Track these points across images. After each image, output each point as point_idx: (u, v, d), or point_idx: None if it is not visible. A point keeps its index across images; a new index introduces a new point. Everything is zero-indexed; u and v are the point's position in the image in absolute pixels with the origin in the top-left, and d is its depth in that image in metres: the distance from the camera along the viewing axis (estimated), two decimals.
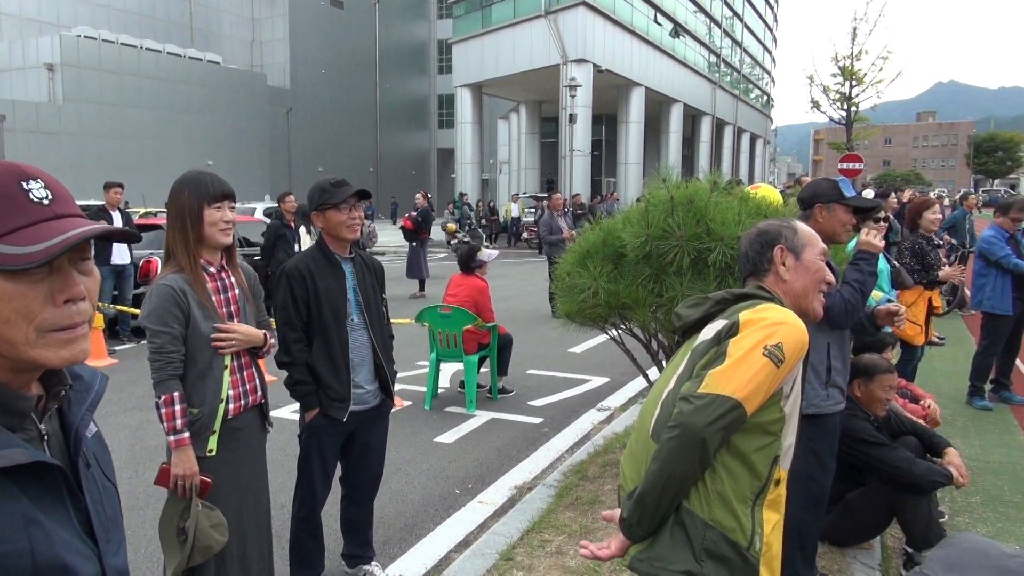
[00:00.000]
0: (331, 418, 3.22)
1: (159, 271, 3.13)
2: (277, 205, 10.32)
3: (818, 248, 2.03)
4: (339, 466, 3.49)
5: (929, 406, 4.63)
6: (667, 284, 3.85)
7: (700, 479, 1.73)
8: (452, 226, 24.01)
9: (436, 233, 20.82)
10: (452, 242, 23.01)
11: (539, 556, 3.69)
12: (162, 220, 9.99)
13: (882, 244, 3.23)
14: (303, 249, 6.09)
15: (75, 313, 0.98)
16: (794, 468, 3.25)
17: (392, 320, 3.68)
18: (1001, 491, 4.63)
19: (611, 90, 35.75)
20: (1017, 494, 4.61)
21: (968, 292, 8.01)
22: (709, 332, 1.86)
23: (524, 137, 40.32)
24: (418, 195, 14.75)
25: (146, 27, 40.82)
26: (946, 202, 21.92)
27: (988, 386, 6.63)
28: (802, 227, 2.05)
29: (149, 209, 17.17)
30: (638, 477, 1.81)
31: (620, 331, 4.66)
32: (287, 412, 6.05)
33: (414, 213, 13.94)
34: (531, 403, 6.79)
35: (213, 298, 2.64)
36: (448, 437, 5.84)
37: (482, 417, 6.34)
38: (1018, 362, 7.19)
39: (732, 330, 1.79)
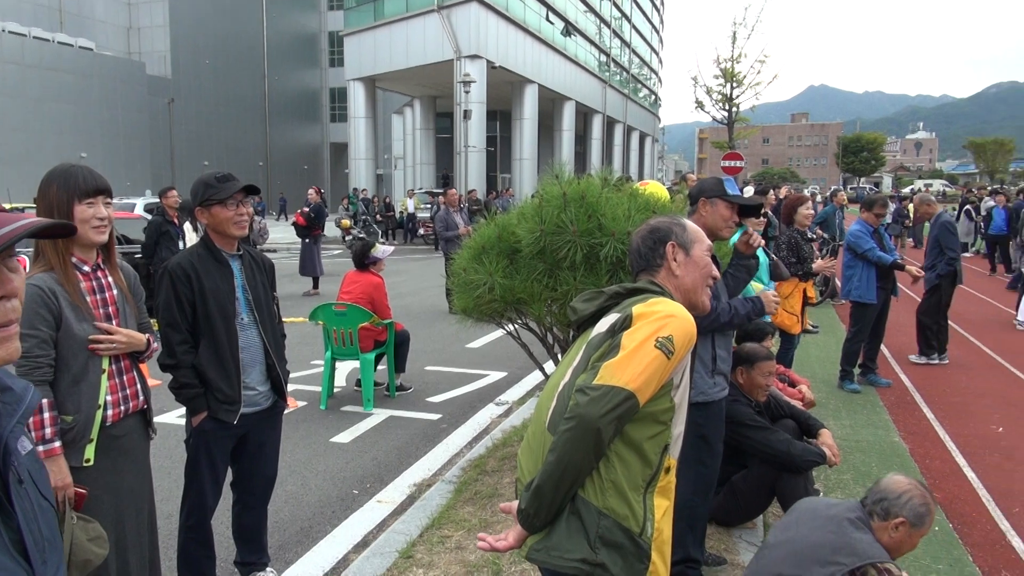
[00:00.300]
0: (221, 421, 3.10)
1: (27, 271, 2.92)
2: (159, 201, 9.82)
3: (705, 244, 2.12)
4: (230, 471, 3.37)
5: (803, 392, 4.93)
6: (561, 279, 3.92)
7: (595, 469, 1.77)
8: (347, 222, 23.54)
9: (330, 229, 20.39)
10: (347, 238, 22.58)
11: (439, 552, 3.69)
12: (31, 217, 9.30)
13: (759, 242, 3.42)
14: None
15: (10, 311, 0.95)
16: (684, 453, 3.38)
17: (285, 319, 3.59)
18: (869, 467, 4.98)
19: (505, 87, 35.98)
20: (883, 469, 4.97)
21: (839, 283, 8.57)
22: (603, 325, 1.91)
23: (419, 132, 40.01)
24: (310, 190, 14.39)
25: (9, 8, 37.84)
26: (818, 199, 23.27)
27: (857, 370, 7.11)
28: (690, 224, 2.14)
29: (16, 205, 15.98)
30: (535, 469, 1.84)
31: (516, 326, 4.71)
32: (173, 417, 5.79)
33: (306, 209, 13.60)
34: (429, 399, 6.77)
35: (88, 299, 2.49)
36: (345, 437, 5.74)
37: (380, 415, 6.27)
38: (883, 347, 7.75)
39: (625, 323, 1.84)
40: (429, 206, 24.67)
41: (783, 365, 5.84)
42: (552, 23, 40.16)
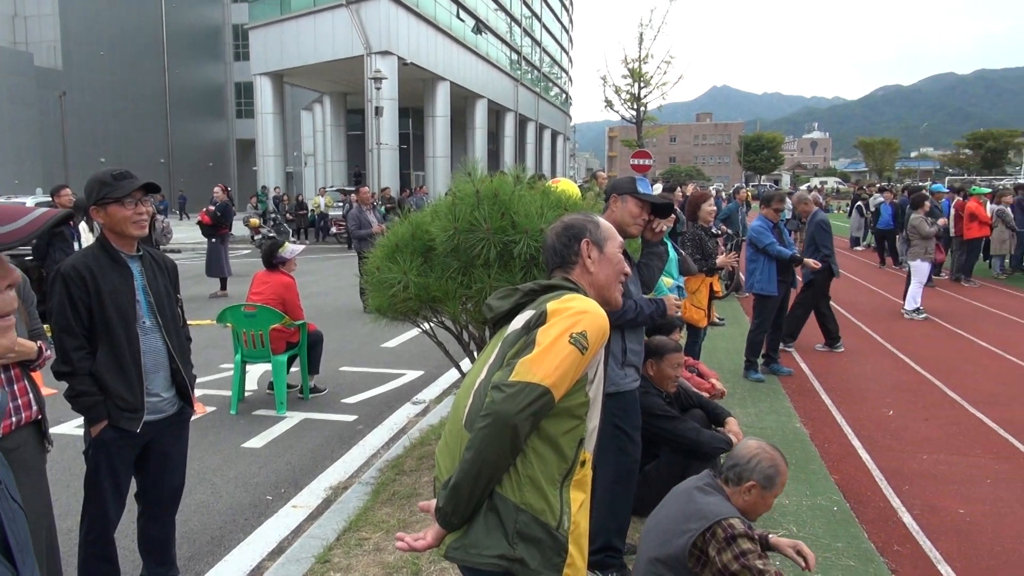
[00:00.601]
0: (122, 430, 2.97)
1: None
2: (51, 199, 9.30)
3: (617, 241, 2.17)
4: (133, 481, 3.23)
5: (712, 383, 5.11)
6: (475, 276, 3.94)
7: (512, 465, 1.79)
8: (255, 221, 22.86)
9: (239, 228, 19.78)
10: (256, 237, 21.94)
11: (357, 555, 3.64)
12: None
13: (663, 227, 3.53)
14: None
15: (12, 300, 0.96)
16: (604, 444, 3.46)
17: (191, 321, 3.47)
18: None
19: (417, 84, 35.72)
20: (786, 454, 5.13)
21: (743, 276, 8.90)
22: (519, 322, 1.92)
23: (329, 129, 39.23)
24: (216, 188, 13.91)
25: None
26: (723, 196, 24.10)
27: (761, 360, 7.42)
28: (603, 222, 2.19)
29: None
30: (453, 467, 1.85)
31: (432, 324, 4.70)
32: (71, 427, 5.51)
33: (212, 207, 13.14)
34: (345, 401, 6.67)
35: None
36: (257, 442, 5.59)
37: (293, 418, 6.13)
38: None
39: (540, 319, 1.86)
40: (341, 204, 24.25)
41: (692, 357, 6.04)
42: (463, 21, 40.12)
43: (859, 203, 22.69)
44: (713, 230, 7.37)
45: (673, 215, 6.01)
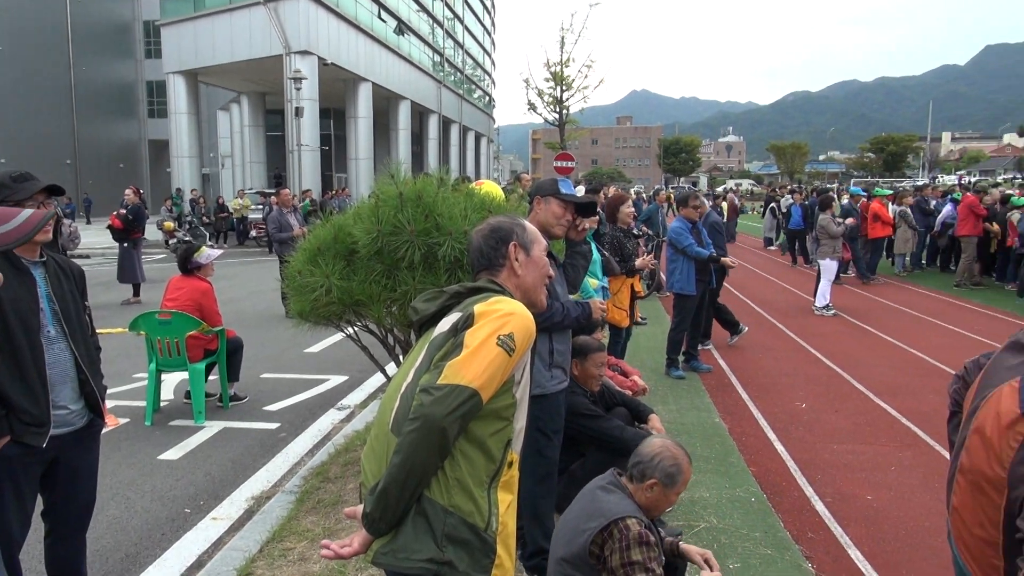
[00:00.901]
0: (27, 446, 2.81)
1: None
2: None
3: (542, 244, 2.20)
4: (40, 499, 3.07)
5: (635, 381, 5.21)
6: (400, 279, 3.91)
7: (440, 467, 1.79)
8: (170, 224, 22.09)
9: (152, 232, 19.06)
10: (171, 242, 21.19)
11: (281, 565, 3.56)
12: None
13: (587, 226, 3.58)
14: None
15: None
16: (523, 446, 3.48)
17: (102, 330, 3.32)
18: (695, 447, 5.34)
19: (338, 84, 35.19)
20: (707, 448, 5.37)
21: (664, 276, 9.12)
22: (445, 324, 1.92)
23: (248, 130, 38.22)
24: (128, 191, 13.36)
25: None
26: (643, 197, 24.63)
27: (681, 358, 7.61)
28: (529, 225, 2.21)
29: None
30: (380, 472, 1.83)
31: (356, 328, 4.64)
32: None
33: (123, 211, 12.62)
34: (266, 408, 6.51)
35: None
36: (174, 453, 5.40)
37: (213, 428, 5.95)
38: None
39: (467, 322, 1.86)
40: (261, 207, 23.66)
41: (616, 356, 6.15)
42: (385, 21, 39.76)
43: (772, 204, 23.55)
44: (634, 231, 7.51)
45: (597, 216, 6.12)
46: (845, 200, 17.25)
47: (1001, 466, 1.03)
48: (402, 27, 42.39)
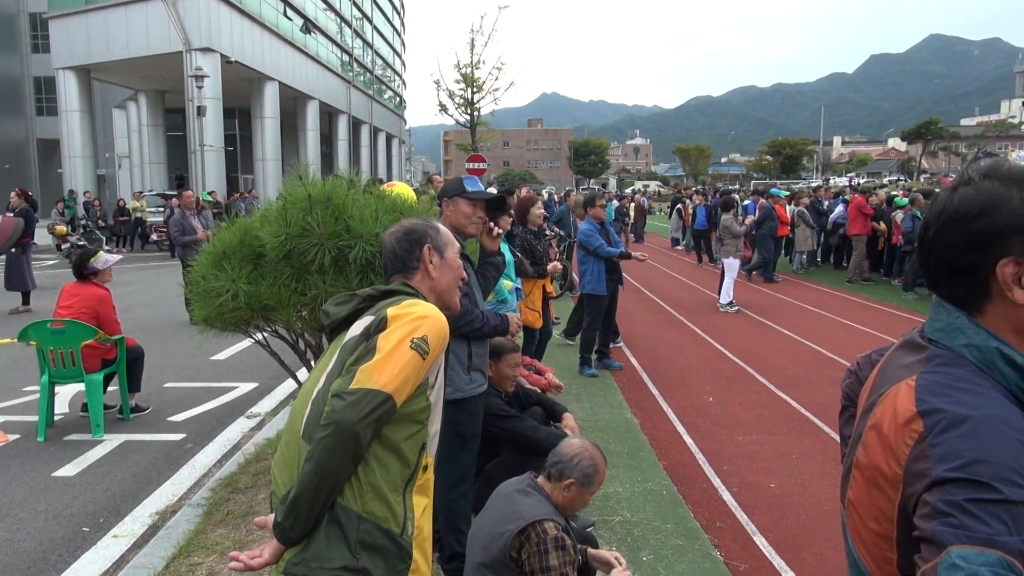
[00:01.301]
0: None
1: None
2: None
3: (456, 247, 2.20)
4: None
5: (550, 379, 5.28)
6: (310, 283, 3.84)
7: (353, 474, 1.76)
8: (62, 228, 20.91)
9: (42, 236, 18.01)
10: (64, 247, 20.06)
11: None
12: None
13: (499, 231, 3.61)
14: None
15: None
16: (438, 449, 3.47)
17: None
18: (608, 443, 5.46)
19: (243, 83, 34.14)
20: (619, 444, 5.49)
21: (576, 276, 9.26)
22: (358, 328, 1.90)
23: (146, 129, 36.53)
24: (13, 193, 12.58)
25: None
26: (555, 199, 24.95)
27: (594, 356, 7.76)
28: (443, 228, 2.21)
29: None
30: (291, 480, 1.79)
31: (265, 333, 4.52)
32: None
33: (10, 214, 11.87)
34: (171, 419, 6.26)
35: None
36: (70, 469, 5.12)
37: (113, 441, 5.67)
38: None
39: (380, 325, 1.84)
40: (162, 209, 22.70)
41: (530, 356, 6.21)
42: (291, 19, 38.82)
43: (678, 205, 24.27)
44: (545, 232, 7.60)
45: (509, 213, 6.17)
46: (747, 201, 17.98)
47: (897, 463, 1.08)
48: (309, 25, 41.49)
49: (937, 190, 16.79)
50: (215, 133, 30.11)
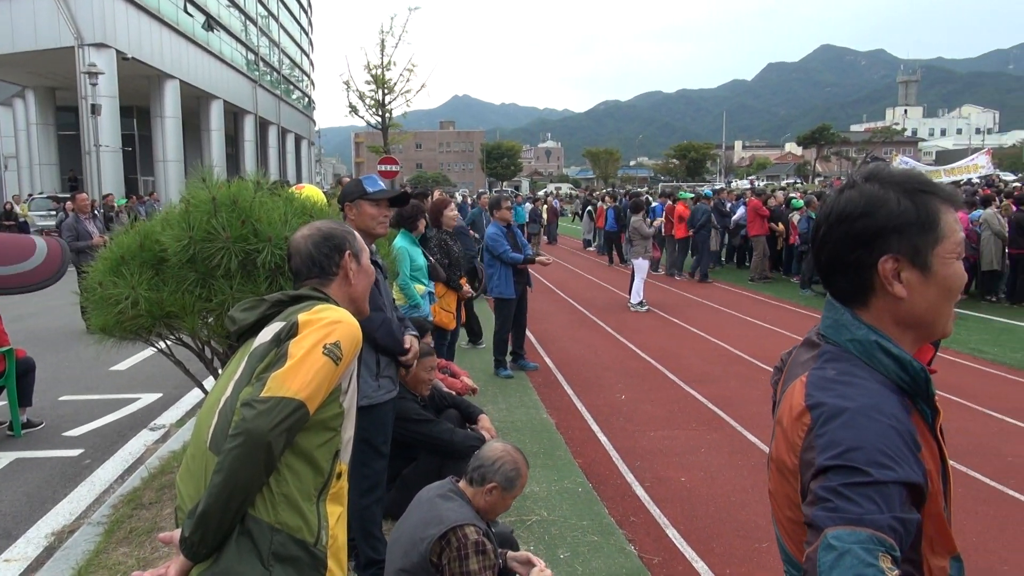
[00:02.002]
0: None
1: None
2: None
3: (367, 252, 2.17)
4: None
5: (465, 382, 5.29)
6: (216, 288, 3.71)
7: (265, 483, 1.71)
8: None
9: None
10: None
11: None
12: None
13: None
14: None
15: None
16: (351, 457, 3.42)
17: None
18: (524, 443, 5.50)
19: (141, 81, 32.74)
20: (536, 444, 5.54)
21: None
22: (267, 334, 1.84)
23: (35, 128, 34.53)
24: None
25: None
26: (469, 201, 24.97)
27: (509, 357, 7.81)
28: (356, 233, 2.17)
29: None
30: (198, 494, 1.73)
31: (169, 342, 4.34)
32: None
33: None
34: (67, 434, 5.93)
35: None
36: None
37: (2, 459, 5.34)
38: (528, 333, 8.61)
39: (291, 331, 1.79)
40: (53, 212, 21.47)
41: (444, 359, 6.19)
42: (192, 15, 37.45)
43: (589, 207, 24.70)
44: (475, 236, 7.60)
45: (411, 205, 6.13)
46: (655, 203, 18.47)
47: (794, 454, 1.16)
48: (211, 22, 40.13)
49: (828, 192, 17.68)
50: (111, 133, 28.74)
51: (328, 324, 1.81)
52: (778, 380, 1.42)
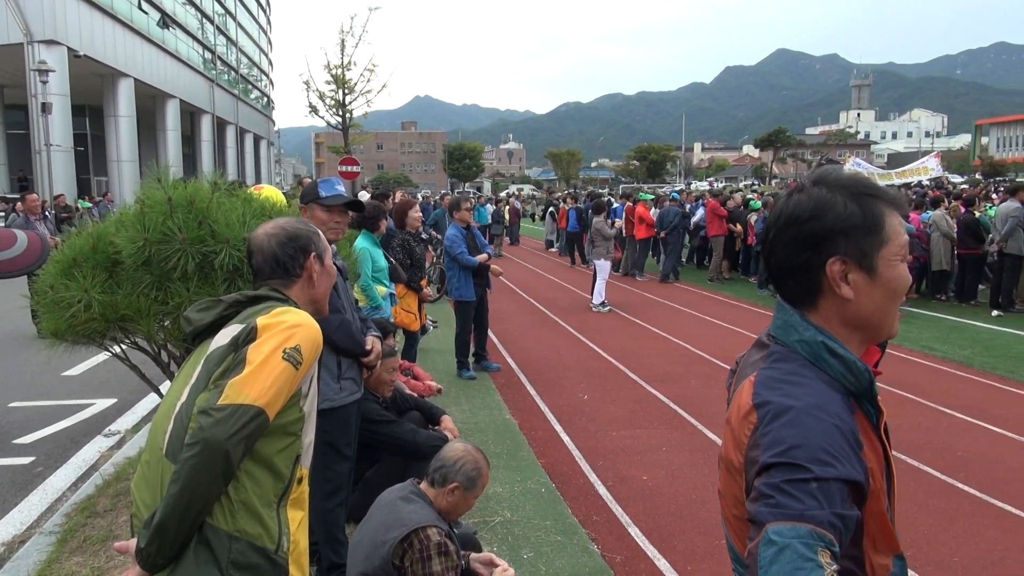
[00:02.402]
0: None
1: None
2: None
3: (331, 252, 2.15)
4: None
5: (428, 384, 5.27)
6: (172, 291, 3.64)
7: (224, 492, 1.68)
8: None
9: None
10: None
11: None
12: None
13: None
14: None
15: None
16: (313, 461, 3.38)
17: None
18: (488, 445, 5.50)
19: (94, 79, 32.00)
20: (499, 445, 5.54)
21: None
22: (224, 338, 1.80)
23: None
24: None
25: None
26: (432, 202, 24.87)
27: (472, 359, 7.80)
28: (321, 233, 2.13)
29: None
30: (154, 502, 1.69)
31: (124, 346, 4.25)
32: None
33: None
34: (17, 441, 5.77)
35: None
36: None
37: None
38: (491, 334, 8.61)
39: (250, 335, 1.76)
40: (2, 214, 20.85)
41: (407, 360, 6.17)
42: (146, 12, 36.71)
43: (551, 208, 24.78)
44: (423, 235, 7.58)
45: (387, 220, 6.11)
46: (616, 204, 18.61)
47: (740, 452, 1.18)
48: (167, 19, 39.38)
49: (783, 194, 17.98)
50: (63, 132, 28.01)
51: (288, 328, 1.77)
52: (731, 382, 1.44)
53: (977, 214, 11.85)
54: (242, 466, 1.69)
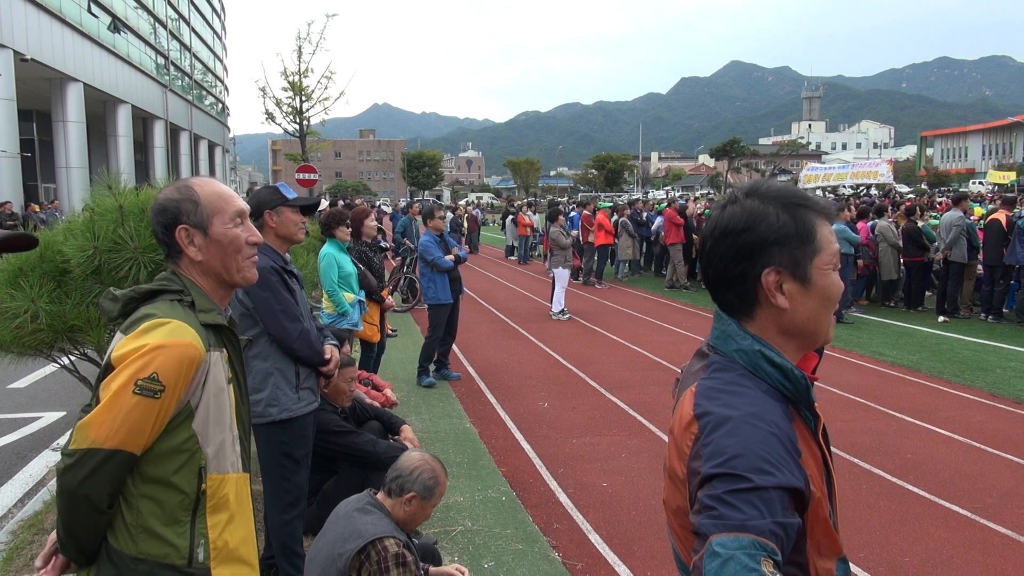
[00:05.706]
0: None
1: None
2: None
3: (229, 212, 1.81)
4: None
5: (387, 394, 5.23)
6: None
7: (119, 517, 1.64)
8: None
9: None
10: None
11: None
12: None
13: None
14: None
15: None
16: (268, 473, 3.33)
17: None
18: (448, 454, 5.48)
19: (41, 83, 31.14)
20: (459, 454, 5.52)
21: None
22: (109, 349, 1.69)
23: None
24: None
25: None
26: (388, 210, 24.74)
27: (433, 366, 7.76)
28: (206, 193, 1.81)
29: None
30: None
31: (73, 357, 4.13)
32: None
33: None
34: None
35: None
36: None
37: None
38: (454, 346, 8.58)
39: (107, 368, 1.65)
40: None
41: (367, 370, 6.11)
42: (96, 16, 35.89)
43: (510, 216, 24.84)
44: (382, 244, 7.53)
45: (348, 228, 6.05)
46: (573, 213, 18.73)
47: (683, 463, 1.19)
48: (118, 24, 38.54)
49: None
50: (9, 137, 27.17)
51: (144, 354, 1.59)
52: (677, 391, 1.46)
53: (920, 223, 12.21)
54: (135, 491, 1.64)
